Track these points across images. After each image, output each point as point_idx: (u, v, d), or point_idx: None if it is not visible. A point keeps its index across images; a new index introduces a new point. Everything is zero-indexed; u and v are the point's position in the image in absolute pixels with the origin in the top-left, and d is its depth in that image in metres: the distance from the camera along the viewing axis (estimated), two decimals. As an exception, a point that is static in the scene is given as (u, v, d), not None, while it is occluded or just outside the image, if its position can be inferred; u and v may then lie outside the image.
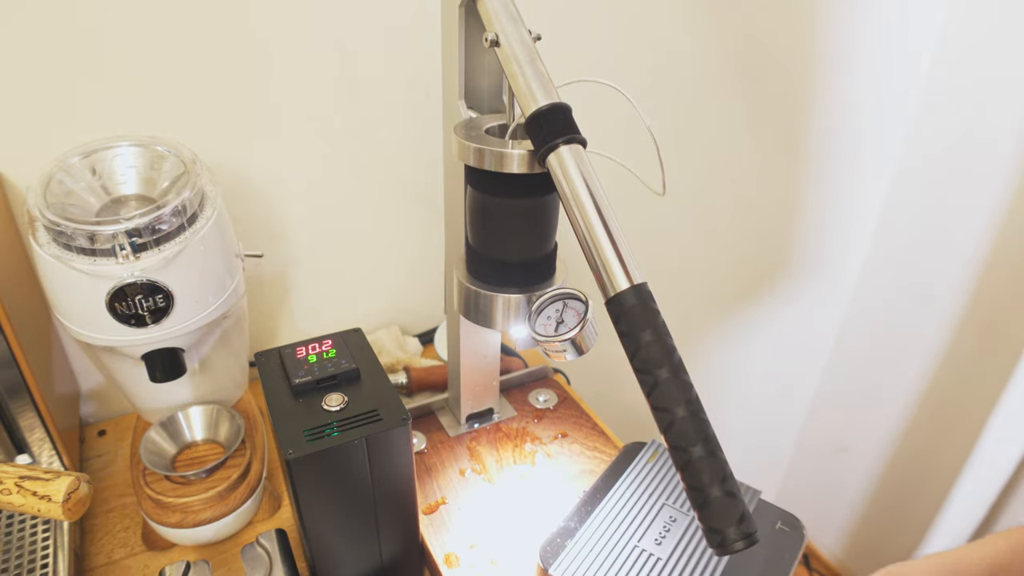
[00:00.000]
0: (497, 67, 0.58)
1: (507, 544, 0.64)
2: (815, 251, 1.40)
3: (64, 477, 0.44)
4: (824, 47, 1.11)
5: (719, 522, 0.37)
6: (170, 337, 0.58)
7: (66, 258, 0.53)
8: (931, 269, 1.35)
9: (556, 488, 0.70)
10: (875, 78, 1.20)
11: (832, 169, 1.29)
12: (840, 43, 1.13)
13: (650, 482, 0.64)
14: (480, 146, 0.49)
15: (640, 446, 0.68)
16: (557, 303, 0.52)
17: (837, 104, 1.20)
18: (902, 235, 1.39)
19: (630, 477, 0.64)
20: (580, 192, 0.43)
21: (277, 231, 0.83)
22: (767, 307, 1.42)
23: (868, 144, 1.29)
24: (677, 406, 0.38)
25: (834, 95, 1.18)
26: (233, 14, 0.69)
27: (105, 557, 0.64)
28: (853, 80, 1.18)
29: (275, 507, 0.69)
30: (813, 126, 1.20)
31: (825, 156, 1.26)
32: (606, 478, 0.65)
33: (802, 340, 1.54)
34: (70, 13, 0.63)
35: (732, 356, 1.45)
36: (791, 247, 1.36)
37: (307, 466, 0.49)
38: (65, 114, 0.67)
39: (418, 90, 0.82)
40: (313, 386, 0.55)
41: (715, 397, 1.49)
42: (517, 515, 0.67)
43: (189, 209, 0.57)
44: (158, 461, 0.63)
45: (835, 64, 1.14)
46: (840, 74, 1.16)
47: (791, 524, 0.61)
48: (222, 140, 0.75)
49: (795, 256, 1.38)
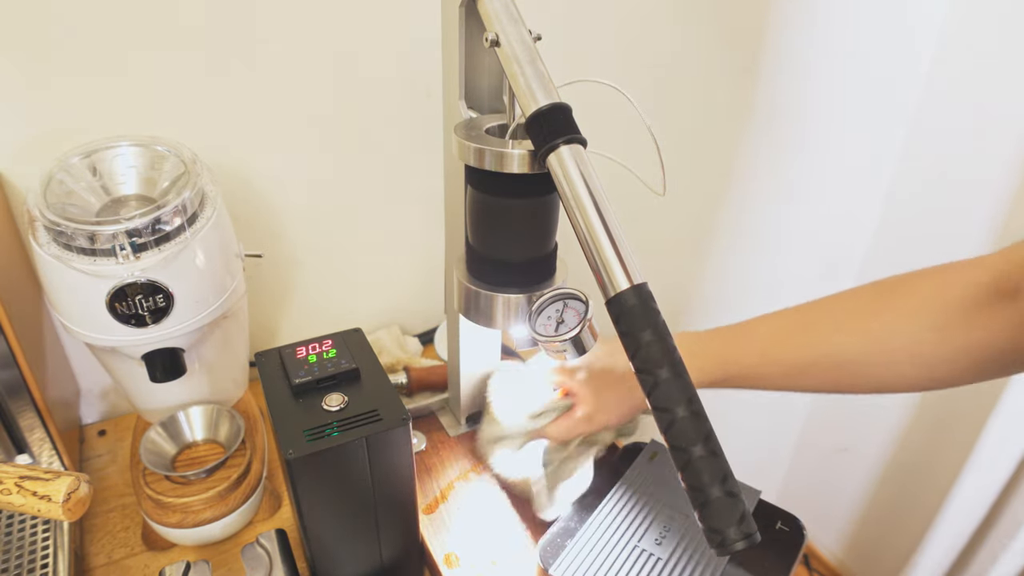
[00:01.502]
0: (497, 67, 0.58)
1: (507, 544, 0.64)
2: (815, 251, 1.40)
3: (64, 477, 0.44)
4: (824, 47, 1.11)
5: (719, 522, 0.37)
6: (170, 337, 0.58)
7: (66, 258, 0.53)
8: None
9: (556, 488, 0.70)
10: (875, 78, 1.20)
11: (832, 169, 1.29)
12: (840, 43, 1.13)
13: (650, 482, 0.64)
14: (480, 146, 0.49)
15: (640, 446, 0.68)
16: (557, 303, 0.52)
17: (837, 104, 1.20)
18: (902, 235, 1.39)
19: (630, 477, 0.64)
20: (580, 192, 0.43)
21: (277, 231, 0.83)
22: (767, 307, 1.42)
23: (868, 144, 1.29)
24: (677, 406, 0.38)
25: (834, 95, 1.18)
26: (234, 14, 0.69)
27: (105, 557, 0.64)
28: (853, 80, 1.18)
29: (275, 507, 0.69)
30: (813, 126, 1.20)
31: (825, 156, 1.26)
32: (606, 478, 0.65)
33: (802, 340, 1.54)
34: (70, 13, 0.63)
35: (732, 356, 1.44)
36: (791, 247, 1.36)
37: (307, 466, 0.49)
38: (65, 114, 0.67)
39: (418, 90, 0.82)
40: (313, 386, 0.55)
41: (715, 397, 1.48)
42: (517, 515, 0.67)
43: (189, 209, 0.57)
44: (158, 461, 0.63)
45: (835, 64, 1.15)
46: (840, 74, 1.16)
47: (791, 524, 0.61)
48: (222, 140, 0.74)
49: (795, 256, 1.38)
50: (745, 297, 1.37)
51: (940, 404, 1.41)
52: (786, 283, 1.41)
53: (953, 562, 1.47)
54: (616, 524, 0.59)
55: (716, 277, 1.29)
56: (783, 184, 1.24)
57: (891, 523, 1.59)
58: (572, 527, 0.59)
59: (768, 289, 1.39)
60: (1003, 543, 1.35)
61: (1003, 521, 1.35)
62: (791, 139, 1.19)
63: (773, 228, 1.30)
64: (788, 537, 0.60)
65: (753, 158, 1.17)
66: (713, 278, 1.29)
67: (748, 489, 0.63)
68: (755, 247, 1.30)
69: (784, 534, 0.60)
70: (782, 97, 1.13)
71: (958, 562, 1.46)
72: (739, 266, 1.31)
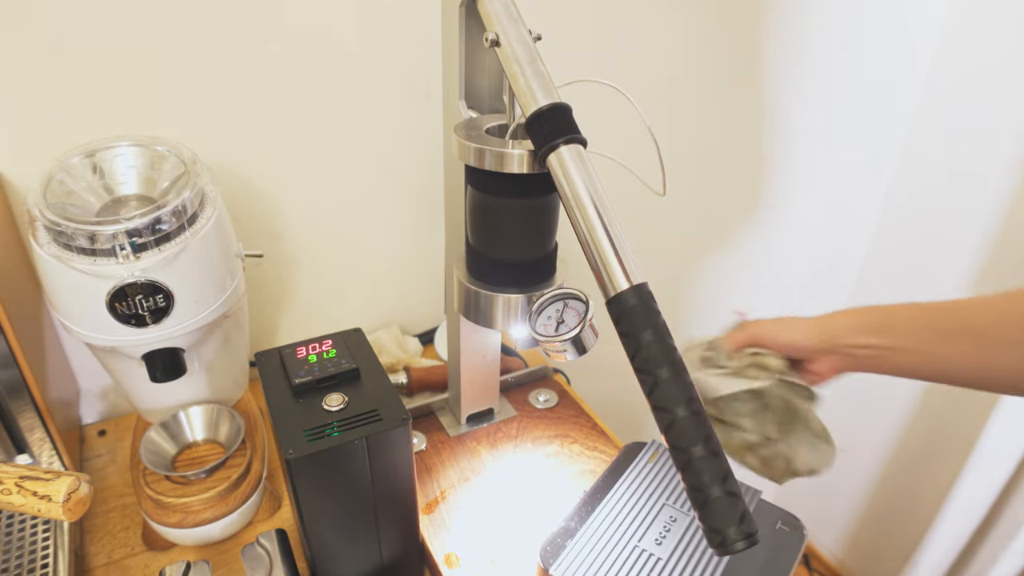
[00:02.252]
0: (497, 67, 0.58)
1: (507, 544, 0.64)
2: (815, 251, 1.40)
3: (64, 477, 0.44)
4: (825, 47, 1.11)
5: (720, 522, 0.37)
6: (170, 337, 0.58)
7: (66, 258, 0.53)
8: (930, 269, 1.35)
9: (556, 488, 0.70)
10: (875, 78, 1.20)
11: (832, 169, 1.29)
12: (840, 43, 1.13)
13: (650, 482, 0.64)
14: (480, 146, 0.49)
15: (640, 446, 0.68)
16: (557, 303, 0.52)
17: (837, 104, 1.20)
18: (901, 235, 1.39)
19: (630, 477, 0.64)
20: (580, 192, 0.43)
21: (277, 231, 0.83)
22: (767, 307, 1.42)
23: (868, 144, 1.29)
24: (678, 406, 0.38)
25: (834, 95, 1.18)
26: (233, 14, 0.69)
27: (105, 557, 0.64)
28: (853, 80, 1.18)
29: (275, 507, 0.69)
30: (813, 126, 1.20)
31: (825, 156, 1.26)
32: (606, 478, 0.65)
33: (802, 340, 1.54)
34: (70, 13, 0.63)
35: (732, 356, 1.45)
36: (791, 247, 1.36)
37: (307, 466, 0.49)
38: (65, 114, 0.67)
39: (418, 90, 0.82)
40: (313, 386, 0.55)
41: (715, 397, 1.49)
42: (517, 515, 0.67)
43: (189, 209, 0.57)
44: (158, 461, 0.63)
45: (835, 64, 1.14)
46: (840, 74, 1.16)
47: (791, 524, 0.61)
48: (222, 140, 0.75)
49: (795, 256, 1.38)
50: (745, 296, 1.37)
51: (940, 404, 1.41)
52: (786, 282, 1.41)
53: (953, 562, 1.47)
54: (616, 524, 0.59)
55: (716, 276, 1.29)
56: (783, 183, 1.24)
57: (891, 523, 1.59)
58: (572, 527, 0.59)
59: (768, 288, 1.39)
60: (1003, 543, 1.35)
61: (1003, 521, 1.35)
62: (790, 138, 1.19)
63: (773, 227, 1.30)
64: (788, 537, 0.60)
65: (752, 157, 1.17)
66: (713, 277, 1.29)
67: (748, 489, 0.63)
68: (755, 246, 1.30)
69: (784, 534, 0.60)
70: (782, 96, 1.13)
71: (958, 562, 1.46)
72: (739, 265, 1.31)
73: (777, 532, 0.60)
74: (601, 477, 0.65)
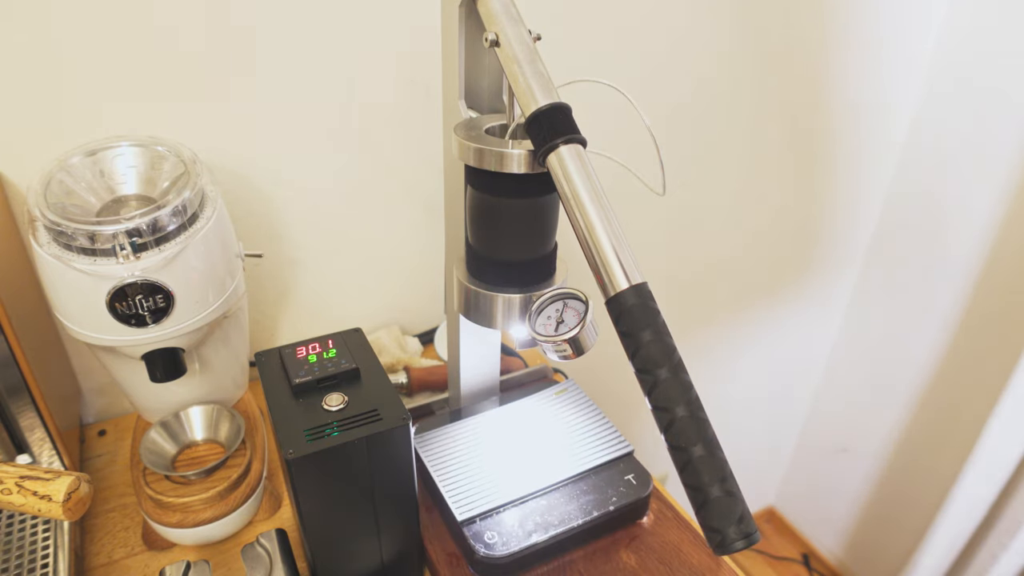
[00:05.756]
0: (497, 67, 0.58)
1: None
2: (816, 251, 1.40)
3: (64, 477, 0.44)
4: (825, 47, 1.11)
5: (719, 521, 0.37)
6: (170, 337, 0.58)
7: (66, 258, 0.53)
8: (932, 269, 1.35)
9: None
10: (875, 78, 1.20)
11: (832, 169, 1.29)
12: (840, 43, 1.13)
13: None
14: (480, 146, 0.49)
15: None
16: (557, 303, 0.52)
17: (837, 104, 1.20)
18: (902, 235, 1.39)
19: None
20: (580, 192, 0.43)
21: (277, 231, 0.83)
22: (767, 307, 1.42)
23: (869, 144, 1.29)
24: (677, 406, 0.38)
25: (834, 95, 1.18)
26: (233, 15, 0.69)
27: (105, 557, 0.64)
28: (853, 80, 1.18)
29: (275, 507, 0.69)
30: (813, 126, 1.20)
31: (825, 156, 1.26)
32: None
33: (802, 340, 1.54)
34: (70, 13, 0.63)
35: (732, 356, 1.45)
36: (791, 247, 1.36)
37: (307, 466, 0.49)
38: (65, 114, 0.67)
39: (418, 90, 0.82)
40: (313, 386, 0.55)
41: (715, 397, 1.49)
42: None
43: (189, 209, 0.57)
44: (158, 461, 0.63)
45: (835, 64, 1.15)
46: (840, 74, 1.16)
47: (641, 480, 0.65)
48: (222, 140, 0.75)
49: (795, 256, 1.38)
50: (745, 297, 1.37)
51: (940, 404, 1.41)
52: (786, 282, 1.41)
53: (953, 562, 1.47)
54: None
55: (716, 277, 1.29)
56: (782, 181, 1.25)
57: (891, 523, 1.59)
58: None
59: (769, 288, 1.39)
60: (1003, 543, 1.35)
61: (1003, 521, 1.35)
62: (789, 135, 1.19)
63: (773, 226, 1.30)
64: (635, 488, 0.64)
65: (752, 155, 1.17)
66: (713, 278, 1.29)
67: (621, 443, 0.67)
68: (755, 246, 1.30)
69: (632, 485, 0.64)
70: (783, 95, 1.13)
71: (958, 562, 1.46)
72: (739, 265, 1.31)
73: (626, 482, 0.64)
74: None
